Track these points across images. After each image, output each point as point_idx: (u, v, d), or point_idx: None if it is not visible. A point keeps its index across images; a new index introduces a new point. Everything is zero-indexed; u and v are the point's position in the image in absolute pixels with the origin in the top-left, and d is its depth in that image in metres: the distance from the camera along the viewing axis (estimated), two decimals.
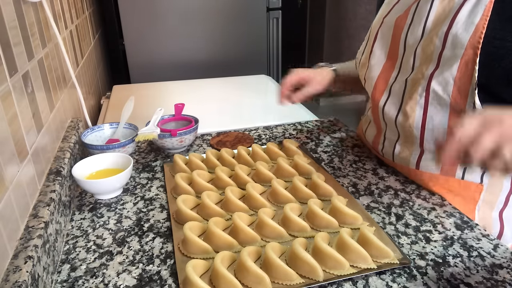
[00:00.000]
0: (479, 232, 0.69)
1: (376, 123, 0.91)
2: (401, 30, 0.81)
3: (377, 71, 0.87)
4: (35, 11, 0.84)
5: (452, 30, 0.70)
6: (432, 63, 0.74)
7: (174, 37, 2.11)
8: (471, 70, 0.68)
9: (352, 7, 3.59)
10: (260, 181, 0.84)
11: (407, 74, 0.79)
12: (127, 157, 0.85)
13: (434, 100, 0.74)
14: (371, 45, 0.90)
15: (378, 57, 0.87)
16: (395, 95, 0.82)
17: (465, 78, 0.69)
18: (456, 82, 0.70)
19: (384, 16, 0.87)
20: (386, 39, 0.85)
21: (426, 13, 0.75)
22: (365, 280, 0.59)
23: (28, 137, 0.67)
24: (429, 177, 0.80)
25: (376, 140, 0.92)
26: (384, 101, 0.84)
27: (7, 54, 0.62)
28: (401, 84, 0.80)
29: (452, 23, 0.70)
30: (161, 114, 1.02)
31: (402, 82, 0.80)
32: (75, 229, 0.73)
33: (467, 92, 0.69)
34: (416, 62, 0.77)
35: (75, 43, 1.28)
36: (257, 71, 2.19)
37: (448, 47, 0.71)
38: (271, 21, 2.30)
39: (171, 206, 0.77)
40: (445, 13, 0.73)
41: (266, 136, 1.12)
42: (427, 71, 0.75)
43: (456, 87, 0.70)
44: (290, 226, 0.68)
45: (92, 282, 0.60)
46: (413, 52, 0.78)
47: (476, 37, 0.67)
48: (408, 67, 0.79)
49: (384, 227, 0.71)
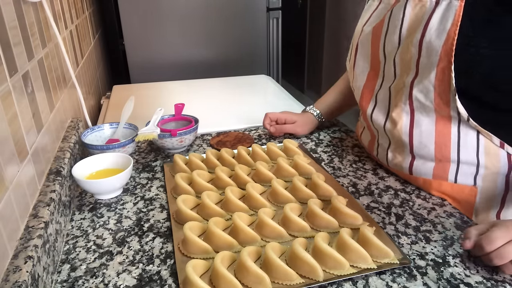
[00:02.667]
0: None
1: (369, 130, 0.92)
2: (378, 38, 0.81)
3: (362, 81, 0.88)
4: (35, 11, 0.84)
5: (425, 37, 0.70)
6: (412, 71, 0.74)
7: (174, 37, 2.11)
8: (448, 77, 0.68)
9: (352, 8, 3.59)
10: (260, 181, 0.84)
11: (390, 82, 0.80)
12: (127, 157, 0.85)
13: (419, 107, 0.74)
14: (354, 55, 0.90)
15: (362, 67, 0.88)
16: (381, 103, 0.83)
17: (444, 85, 0.69)
18: (436, 89, 0.70)
19: (363, 25, 0.87)
20: (366, 49, 0.86)
21: (400, 20, 0.75)
22: (365, 280, 0.59)
23: (28, 137, 0.67)
24: (423, 182, 0.81)
25: (371, 146, 0.92)
26: (371, 109, 0.85)
27: (7, 54, 0.62)
28: (385, 92, 0.81)
29: (425, 30, 0.70)
30: (161, 114, 1.02)
31: (386, 89, 0.81)
32: (75, 229, 0.73)
33: (448, 98, 0.69)
34: (396, 70, 0.78)
35: (75, 43, 1.28)
36: (257, 71, 2.20)
37: (423, 55, 0.71)
38: (271, 21, 2.30)
39: (171, 206, 0.77)
40: (418, 20, 0.72)
41: (266, 136, 1.12)
42: (407, 79, 0.75)
43: (437, 94, 0.70)
44: (290, 226, 0.68)
45: (92, 282, 0.60)
46: (392, 60, 0.78)
47: (449, 44, 0.66)
48: (390, 75, 0.80)
49: (384, 227, 0.71)
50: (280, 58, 2.43)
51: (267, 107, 1.43)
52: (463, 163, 0.75)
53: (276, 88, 1.64)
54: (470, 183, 0.76)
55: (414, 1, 0.73)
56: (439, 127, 0.74)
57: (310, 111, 1.10)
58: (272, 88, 1.66)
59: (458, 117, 0.71)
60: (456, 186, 0.77)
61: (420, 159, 0.79)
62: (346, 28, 3.68)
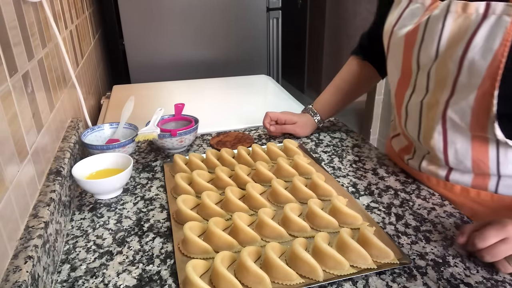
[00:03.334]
0: None
1: (405, 137, 0.87)
2: (412, 46, 0.74)
3: (393, 87, 0.84)
4: (35, 11, 0.84)
5: (468, 55, 0.62)
6: (447, 89, 0.68)
7: (174, 37, 2.11)
8: (488, 102, 0.62)
9: (352, 7, 3.59)
10: (260, 181, 0.84)
11: (422, 96, 0.75)
12: (127, 157, 0.85)
13: (453, 127, 0.70)
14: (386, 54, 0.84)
15: (393, 72, 0.83)
16: (412, 115, 0.78)
17: (483, 109, 0.63)
18: (474, 112, 0.64)
19: (393, 26, 0.79)
20: (397, 55, 0.79)
21: (439, 32, 0.67)
22: (365, 280, 0.59)
23: (28, 137, 0.67)
24: (460, 190, 0.77)
25: (404, 151, 0.88)
26: (404, 119, 0.81)
27: (7, 54, 0.62)
28: (416, 105, 0.76)
29: (468, 46, 0.62)
30: (161, 114, 1.02)
31: (417, 103, 0.76)
32: (75, 229, 0.73)
33: (486, 123, 0.64)
34: (430, 84, 0.72)
35: (75, 43, 1.28)
36: (257, 71, 2.19)
37: (463, 74, 0.64)
38: (271, 21, 2.30)
39: (171, 206, 0.77)
40: (460, 33, 0.64)
41: (266, 136, 1.12)
42: (442, 97, 0.69)
43: (474, 118, 0.65)
44: (290, 226, 0.68)
45: (92, 282, 0.60)
46: (426, 73, 0.72)
47: (494, 66, 0.59)
48: (422, 87, 0.74)
49: (384, 227, 0.71)
50: (280, 58, 2.43)
51: (267, 107, 1.43)
52: (505, 177, 0.71)
53: (276, 88, 1.64)
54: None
55: (457, 12, 0.65)
56: (476, 145, 0.69)
57: (310, 113, 1.09)
58: (272, 88, 1.66)
59: (496, 139, 0.66)
60: (496, 197, 0.73)
61: (457, 171, 0.75)
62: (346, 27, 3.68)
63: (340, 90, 1.08)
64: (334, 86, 1.09)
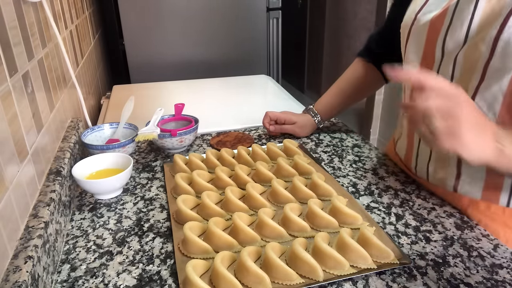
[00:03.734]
0: (479, 232, 0.69)
1: (408, 137, 0.83)
2: (437, 32, 0.69)
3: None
4: (35, 11, 0.84)
5: (503, 35, 0.58)
6: (476, 74, 0.63)
7: (174, 37, 2.11)
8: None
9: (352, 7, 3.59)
10: (260, 181, 0.84)
11: None
12: (127, 157, 0.85)
13: None
14: (404, 47, 0.79)
15: (412, 61, 0.77)
16: None
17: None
18: (506, 99, 0.60)
19: (417, 12, 0.73)
20: (419, 42, 0.73)
21: (470, 14, 0.63)
22: (365, 280, 0.59)
23: (28, 137, 0.67)
24: (468, 203, 0.73)
25: (408, 158, 0.84)
26: None
27: (7, 54, 0.62)
28: None
29: (503, 26, 0.58)
30: (161, 114, 1.02)
31: None
32: (75, 229, 0.73)
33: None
34: (456, 71, 0.67)
35: (75, 43, 1.28)
36: (257, 71, 2.20)
37: (497, 56, 0.59)
38: (271, 21, 2.30)
39: (171, 206, 0.77)
40: (495, 14, 0.59)
41: (266, 136, 1.12)
42: (471, 84, 0.64)
43: (505, 105, 0.60)
44: (290, 226, 0.68)
45: (92, 282, 0.60)
46: (452, 60, 0.67)
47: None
48: (446, 76, 0.68)
49: (384, 227, 0.71)
50: (280, 58, 2.43)
51: (267, 107, 1.43)
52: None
53: (276, 88, 1.64)
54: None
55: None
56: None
57: (310, 113, 1.09)
58: (272, 88, 1.66)
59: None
60: (508, 210, 0.68)
61: (468, 177, 0.70)
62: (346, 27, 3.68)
63: (343, 92, 1.07)
64: (337, 87, 1.08)
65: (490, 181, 0.69)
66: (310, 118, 1.08)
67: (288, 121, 1.07)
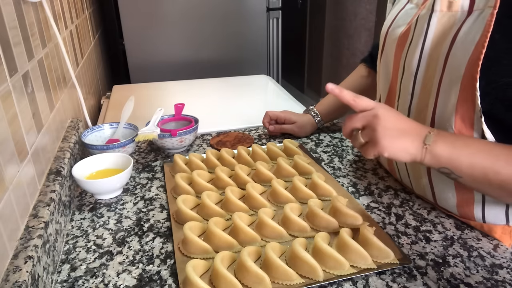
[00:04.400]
0: (479, 232, 0.69)
1: None
2: (402, 49, 0.72)
3: (384, 93, 0.81)
4: (35, 11, 0.84)
5: (451, 52, 0.61)
6: (434, 90, 0.65)
7: (174, 37, 2.11)
8: (472, 96, 0.59)
9: (352, 7, 3.58)
10: (260, 181, 0.84)
11: (407, 102, 0.72)
12: (127, 157, 0.85)
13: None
14: (379, 60, 0.82)
15: (384, 79, 0.80)
16: None
17: (467, 105, 0.60)
18: (458, 110, 0.61)
19: (388, 27, 0.77)
20: (389, 57, 0.76)
21: (424, 32, 0.66)
22: (365, 280, 0.59)
23: (28, 137, 0.67)
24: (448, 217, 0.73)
25: (391, 168, 0.85)
26: None
27: (7, 54, 0.62)
28: (404, 113, 0.72)
29: (452, 44, 0.61)
30: (161, 114, 1.02)
31: (405, 110, 0.73)
32: (75, 229, 0.73)
33: (471, 121, 0.61)
34: (416, 88, 0.70)
35: (75, 43, 1.28)
36: (257, 71, 2.20)
37: (447, 72, 0.62)
38: (271, 21, 2.31)
39: (171, 206, 0.77)
40: (445, 32, 0.63)
41: (266, 136, 1.12)
42: (430, 99, 0.66)
43: (459, 116, 0.62)
44: (290, 226, 0.68)
45: (92, 282, 0.60)
46: (412, 77, 0.70)
47: (475, 57, 0.57)
48: (407, 93, 0.72)
49: (384, 227, 0.71)
50: (280, 58, 2.43)
51: (267, 107, 1.43)
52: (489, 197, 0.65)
53: (276, 88, 1.65)
54: (501, 221, 0.66)
55: (442, 11, 0.64)
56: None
57: (311, 113, 1.09)
58: (272, 88, 1.66)
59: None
60: (486, 226, 0.68)
61: (441, 191, 0.71)
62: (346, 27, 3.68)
63: None
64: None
65: (460, 197, 0.68)
66: (310, 118, 1.08)
67: (288, 121, 1.07)
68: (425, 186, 0.74)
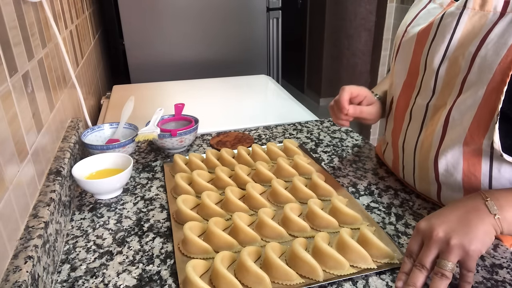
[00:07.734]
0: None
1: (393, 147, 0.83)
2: (423, 45, 0.71)
3: (398, 89, 0.79)
4: (35, 11, 0.84)
5: (481, 52, 0.60)
6: (455, 88, 0.65)
7: (174, 37, 2.11)
8: (496, 99, 0.58)
9: (352, 7, 3.59)
10: (260, 181, 0.84)
11: (427, 98, 0.71)
12: (127, 157, 0.86)
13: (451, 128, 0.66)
14: (394, 58, 0.81)
15: (400, 73, 0.78)
16: (415, 120, 0.74)
17: (487, 107, 0.60)
18: (477, 112, 0.61)
19: (408, 25, 0.76)
20: (407, 54, 0.75)
21: (452, 29, 0.65)
22: (365, 280, 0.59)
23: (28, 137, 0.67)
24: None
25: (395, 166, 0.84)
26: (406, 124, 0.77)
27: (7, 54, 0.62)
28: (421, 108, 0.72)
29: (482, 43, 0.60)
30: (161, 114, 1.02)
31: (422, 106, 0.72)
32: (75, 229, 0.73)
33: (487, 125, 0.60)
34: (437, 85, 0.69)
35: (75, 43, 1.28)
36: (257, 71, 2.20)
37: (473, 71, 0.61)
38: (271, 21, 2.31)
39: (171, 206, 0.77)
40: (475, 31, 0.62)
41: (266, 136, 1.12)
42: (450, 97, 0.65)
43: (476, 119, 0.61)
44: (290, 226, 0.68)
45: (92, 282, 0.60)
46: (434, 73, 0.69)
47: (508, 61, 0.56)
48: (429, 89, 0.70)
49: (384, 227, 0.71)
50: (280, 58, 2.43)
51: (267, 107, 1.44)
52: None
53: (276, 88, 1.65)
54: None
55: (474, 10, 0.63)
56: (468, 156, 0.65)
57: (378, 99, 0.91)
58: (272, 88, 1.66)
59: (489, 150, 0.62)
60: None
61: (448, 189, 0.70)
62: (346, 27, 3.68)
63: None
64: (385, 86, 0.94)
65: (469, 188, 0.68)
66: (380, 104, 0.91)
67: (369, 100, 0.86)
68: (431, 186, 0.73)
